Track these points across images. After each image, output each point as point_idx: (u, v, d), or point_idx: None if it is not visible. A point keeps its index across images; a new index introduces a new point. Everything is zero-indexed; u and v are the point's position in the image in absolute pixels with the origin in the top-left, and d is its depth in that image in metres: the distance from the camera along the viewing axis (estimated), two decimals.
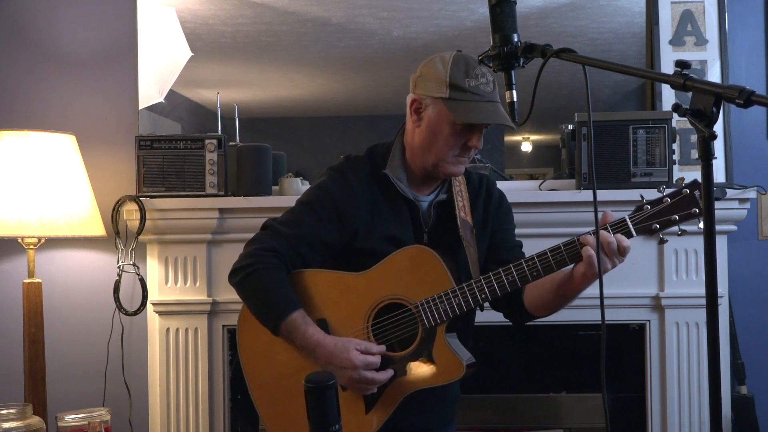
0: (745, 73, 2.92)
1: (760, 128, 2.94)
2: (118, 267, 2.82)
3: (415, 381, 1.90)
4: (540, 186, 2.81)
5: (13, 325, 2.80)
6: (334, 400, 1.36)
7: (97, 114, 2.98)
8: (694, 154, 2.81)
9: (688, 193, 1.77)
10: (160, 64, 2.98)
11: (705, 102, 1.22)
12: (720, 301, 2.29)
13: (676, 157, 2.70)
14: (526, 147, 3.06)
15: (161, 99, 2.98)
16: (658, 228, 1.79)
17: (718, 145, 2.79)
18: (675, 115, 2.11)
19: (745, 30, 2.94)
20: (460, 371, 1.89)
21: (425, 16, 2.96)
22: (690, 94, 1.24)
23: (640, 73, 1.90)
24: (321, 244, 1.98)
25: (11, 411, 2.33)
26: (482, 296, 1.88)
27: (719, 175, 2.77)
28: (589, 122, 1.47)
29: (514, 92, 1.59)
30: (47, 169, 2.62)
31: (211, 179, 2.71)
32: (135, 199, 2.71)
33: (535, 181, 2.85)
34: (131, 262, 2.82)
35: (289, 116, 3.14)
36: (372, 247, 1.96)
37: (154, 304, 2.81)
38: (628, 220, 1.80)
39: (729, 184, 2.69)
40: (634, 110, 2.94)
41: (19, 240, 2.68)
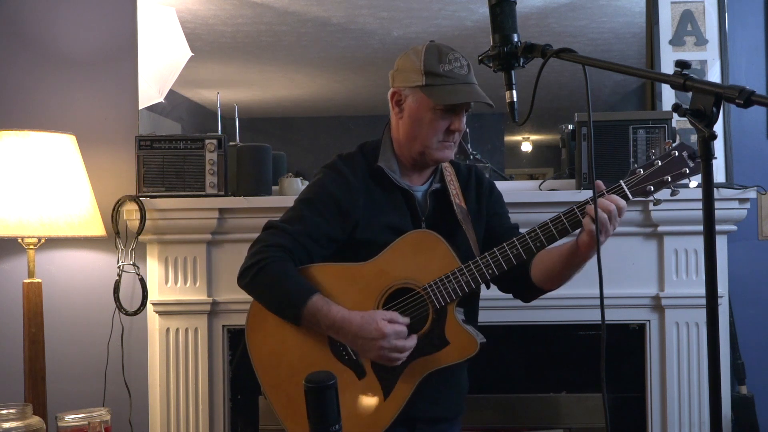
0: (745, 73, 2.92)
1: (760, 128, 2.94)
2: (118, 267, 2.82)
3: (432, 360, 1.93)
4: (540, 186, 2.81)
5: (13, 325, 2.80)
6: (334, 400, 1.36)
7: (97, 114, 2.98)
8: None
9: (677, 154, 1.82)
10: (160, 64, 2.98)
11: (705, 102, 1.22)
12: (720, 301, 2.29)
13: None
14: (526, 147, 3.06)
15: (161, 99, 2.98)
16: (652, 190, 1.84)
17: (718, 145, 2.79)
18: (675, 115, 2.11)
19: (745, 30, 2.94)
20: (474, 347, 1.92)
21: (425, 16, 2.96)
22: (690, 94, 1.25)
23: (640, 73, 1.91)
24: (325, 239, 2.00)
25: (11, 411, 2.33)
26: (489, 272, 1.91)
27: (719, 175, 2.76)
28: (589, 122, 1.47)
29: (514, 92, 1.59)
30: (47, 169, 2.62)
31: (211, 179, 2.71)
32: (135, 199, 2.71)
33: (535, 181, 2.85)
34: (131, 262, 2.82)
35: (289, 116, 3.14)
36: (373, 238, 1.98)
37: (154, 304, 2.81)
38: (623, 184, 1.85)
39: (729, 184, 2.69)
40: (634, 110, 2.94)
41: (19, 240, 2.68)
